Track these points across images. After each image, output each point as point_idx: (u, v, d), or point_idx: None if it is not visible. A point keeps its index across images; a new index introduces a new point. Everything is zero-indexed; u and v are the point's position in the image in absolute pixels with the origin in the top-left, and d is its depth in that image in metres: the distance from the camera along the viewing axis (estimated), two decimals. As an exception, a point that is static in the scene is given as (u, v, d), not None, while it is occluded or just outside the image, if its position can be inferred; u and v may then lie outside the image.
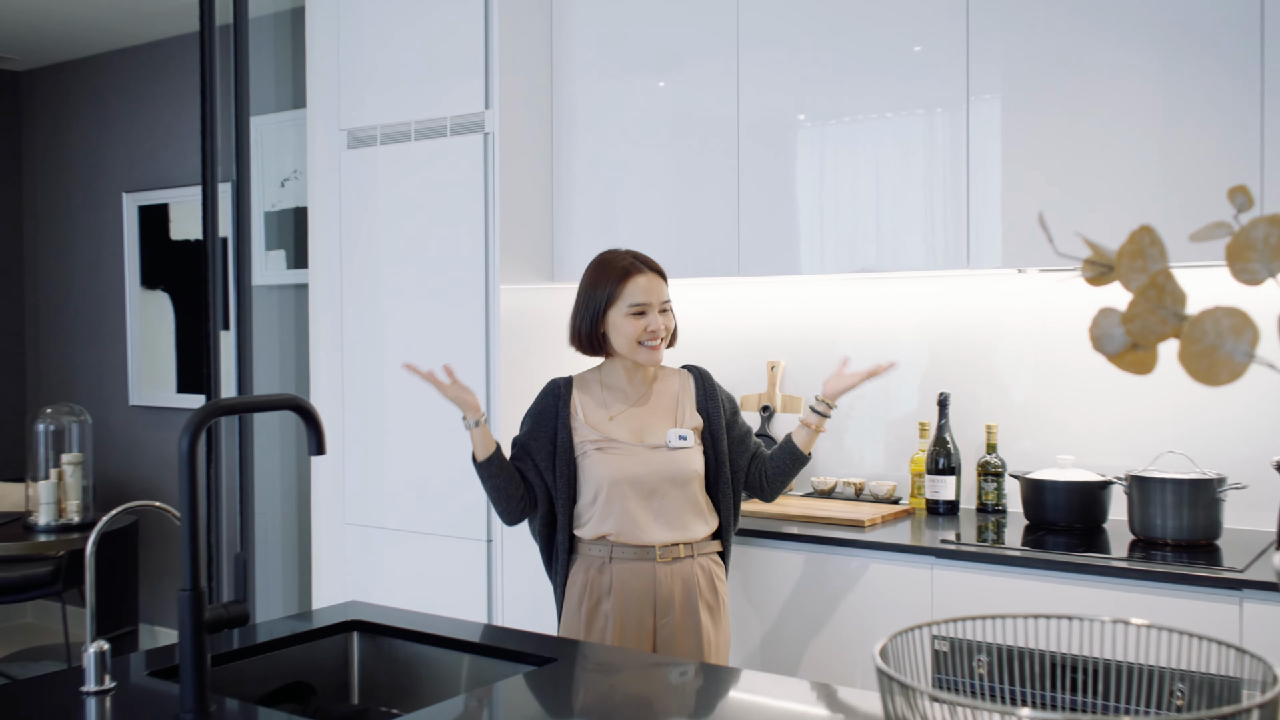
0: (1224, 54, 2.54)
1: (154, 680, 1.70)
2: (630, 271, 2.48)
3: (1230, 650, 1.06)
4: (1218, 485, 2.64)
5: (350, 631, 2.04)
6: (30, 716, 1.58)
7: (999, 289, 3.16)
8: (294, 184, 4.24)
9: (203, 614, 1.52)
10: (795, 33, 3.08)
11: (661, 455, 2.46)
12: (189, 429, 1.52)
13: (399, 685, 1.98)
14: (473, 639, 1.94)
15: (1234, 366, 0.93)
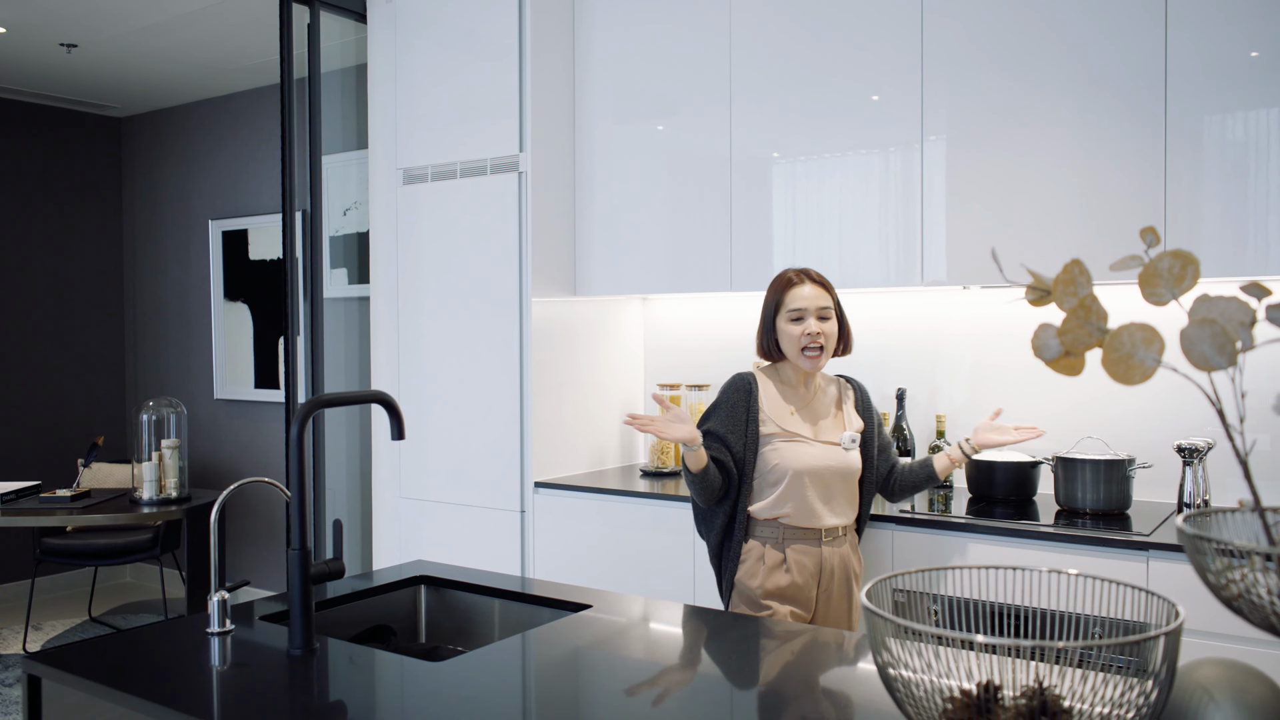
0: (1133, 107, 2.61)
1: (265, 624, 1.77)
2: (792, 282, 2.46)
3: (1141, 594, 1.13)
4: (1128, 464, 2.71)
5: (418, 585, 2.10)
6: (169, 652, 1.65)
7: (947, 302, 3.23)
8: (354, 213, 4.31)
9: (309, 569, 1.59)
10: (773, 84, 3.16)
11: (837, 452, 2.44)
12: (297, 419, 1.59)
13: (459, 628, 2.05)
14: (519, 589, 2.01)
15: (1145, 370, 1.01)
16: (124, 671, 1.52)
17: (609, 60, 3.49)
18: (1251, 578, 0.94)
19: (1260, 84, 2.46)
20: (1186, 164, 2.55)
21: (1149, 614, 1.13)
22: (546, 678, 1.56)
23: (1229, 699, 1.09)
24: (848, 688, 1.53)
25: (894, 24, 2.94)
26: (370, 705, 1.42)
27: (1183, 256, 1.07)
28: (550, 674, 1.57)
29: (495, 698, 1.46)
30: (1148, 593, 1.07)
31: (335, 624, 1.90)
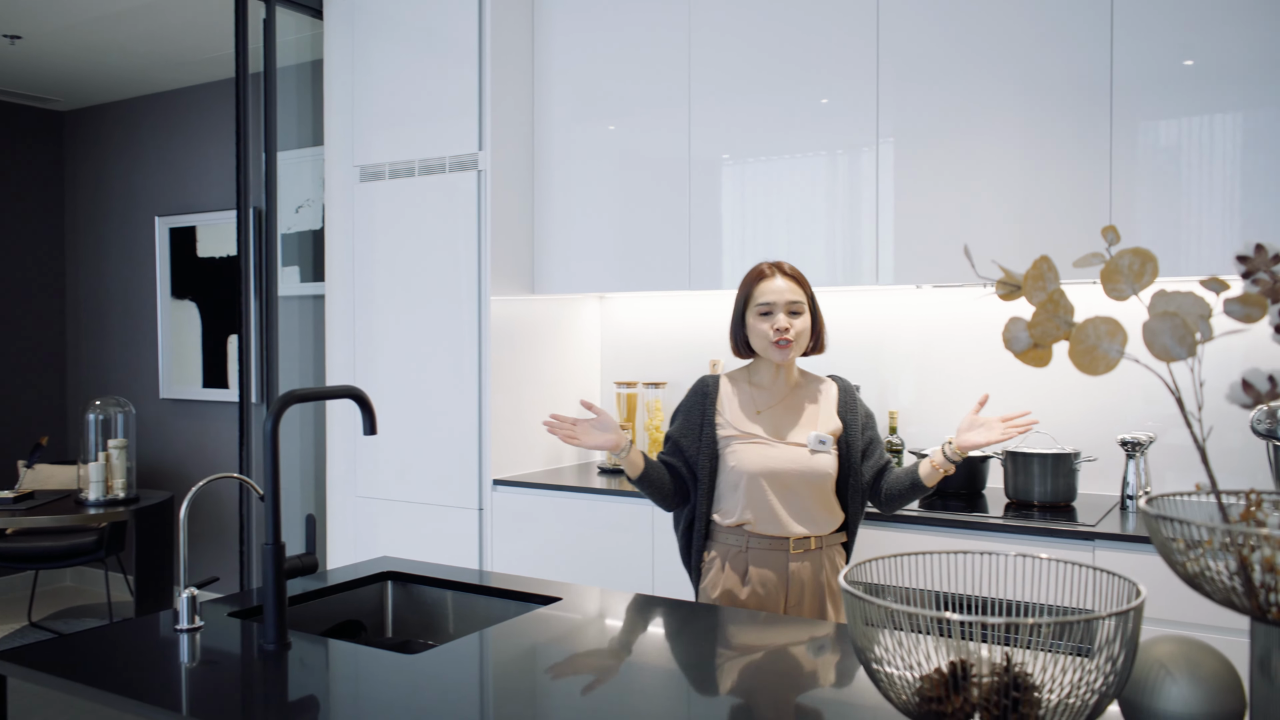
0: (1079, 113, 2.70)
1: (234, 620, 1.77)
2: (763, 275, 2.31)
3: (1104, 575, 1.18)
4: (1074, 458, 2.80)
5: (384, 580, 2.11)
6: (140, 648, 1.64)
7: (900, 302, 3.30)
8: (306, 210, 4.27)
9: (283, 563, 1.59)
10: (731, 86, 3.20)
11: (800, 454, 2.27)
12: (271, 415, 1.59)
13: (427, 623, 2.05)
14: (487, 584, 2.02)
15: (1109, 361, 1.06)
16: (97, 668, 1.51)
17: (568, 61, 3.51)
18: (1204, 562, 0.99)
19: (1195, 92, 2.56)
20: (1130, 168, 2.64)
21: (1111, 595, 1.17)
22: (524, 667, 1.58)
23: (1184, 673, 1.15)
24: (820, 674, 1.57)
25: (848, 31, 3.00)
26: (347, 697, 1.42)
27: (1142, 254, 1.13)
28: (527, 663, 1.59)
29: (474, 688, 1.47)
30: (1109, 574, 1.12)
31: (303, 620, 1.89)
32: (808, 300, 2.33)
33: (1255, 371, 1.04)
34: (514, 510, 3.35)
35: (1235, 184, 2.54)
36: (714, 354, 3.62)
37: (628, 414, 3.70)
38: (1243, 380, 1.04)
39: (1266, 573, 0.93)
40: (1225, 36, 2.52)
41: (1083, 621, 1.01)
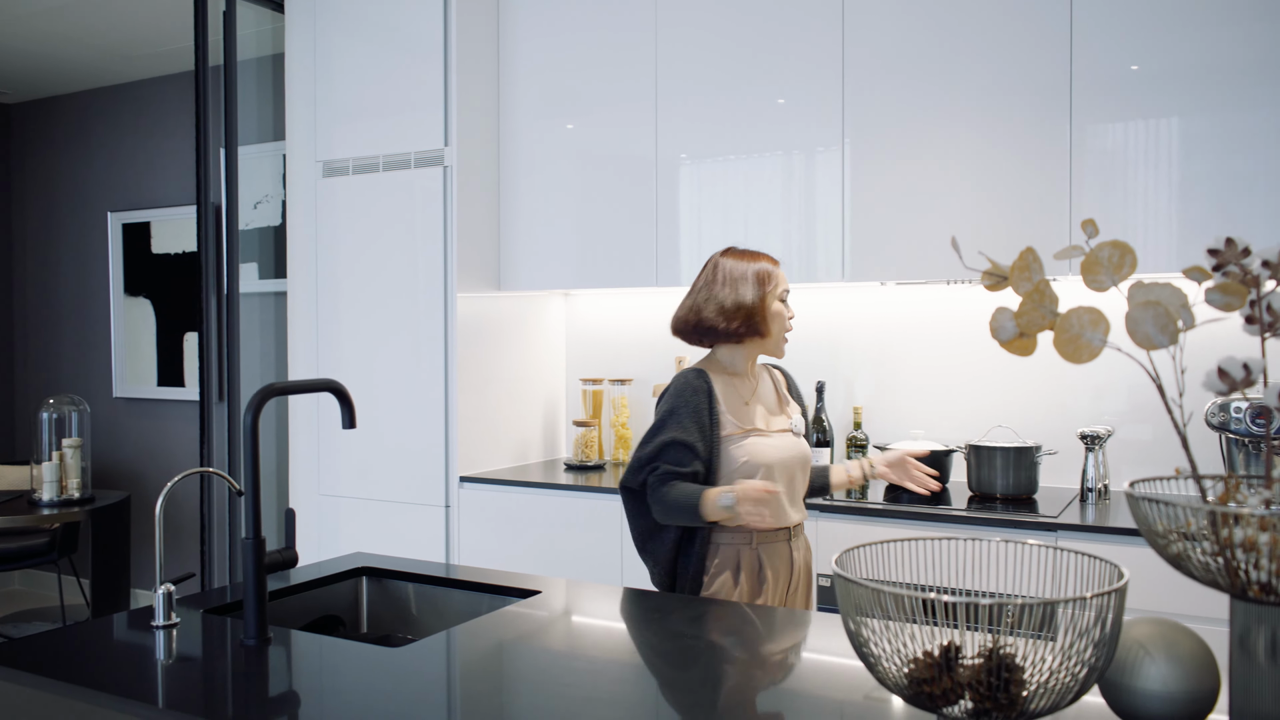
0: (1039, 112, 2.76)
1: (210, 616, 1.74)
2: (775, 263, 2.28)
3: (1085, 559, 1.21)
4: (1035, 452, 2.86)
5: (359, 576, 2.09)
6: (117, 645, 1.61)
7: (862, 299, 3.35)
8: (265, 206, 4.22)
9: (263, 558, 1.58)
10: (692, 86, 3.23)
11: (791, 440, 2.26)
12: (250, 408, 1.58)
13: (404, 618, 2.04)
14: (464, 578, 2.01)
15: (1092, 349, 1.09)
16: (75, 665, 1.48)
17: (533, 59, 3.51)
18: (1185, 545, 1.03)
19: (1141, 96, 2.63)
20: (1083, 169, 2.71)
21: (1095, 578, 1.19)
22: (509, 659, 1.58)
23: (1162, 652, 1.19)
24: (813, 660, 1.59)
25: (811, 32, 3.03)
26: (332, 691, 1.41)
27: (1121, 246, 1.16)
28: (512, 656, 1.59)
29: (460, 681, 1.47)
30: (1092, 558, 1.15)
31: (279, 616, 1.87)
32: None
33: (1230, 359, 1.07)
34: (481, 507, 3.34)
35: (1174, 186, 2.62)
36: (679, 350, 3.64)
37: (594, 411, 3.70)
38: (1218, 368, 1.08)
39: (1246, 552, 0.96)
40: (1168, 43, 2.59)
41: (1071, 601, 1.04)
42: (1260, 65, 2.51)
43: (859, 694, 1.41)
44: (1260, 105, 2.52)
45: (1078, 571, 1.22)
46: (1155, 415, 2.94)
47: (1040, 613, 1.06)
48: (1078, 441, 2.96)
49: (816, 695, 1.43)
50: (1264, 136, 2.52)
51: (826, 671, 1.53)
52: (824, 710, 1.37)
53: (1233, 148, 2.55)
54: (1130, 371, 2.96)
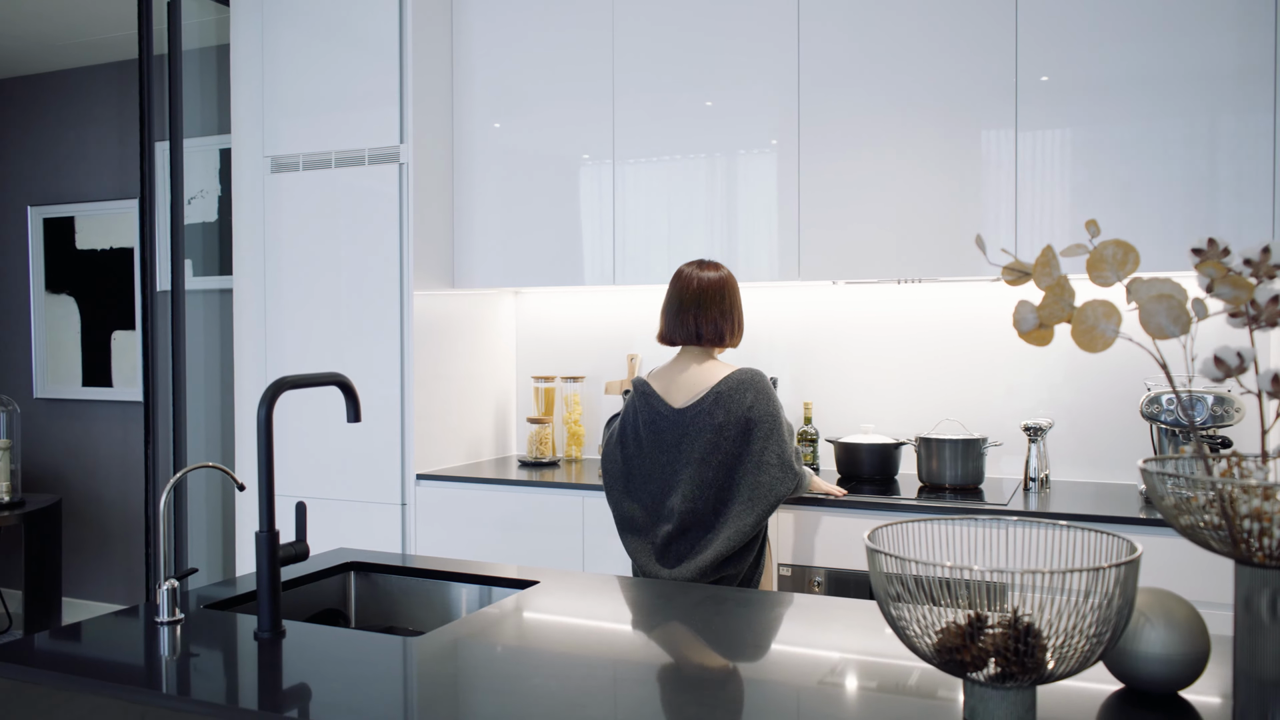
0: (980, 119, 2.91)
1: (212, 612, 1.73)
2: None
3: (1094, 534, 1.31)
4: (982, 443, 3.00)
5: (347, 571, 2.09)
6: (123, 642, 1.59)
7: (818, 298, 3.45)
8: (199, 202, 4.13)
9: (277, 550, 1.58)
10: (646, 87, 3.29)
11: None
12: (265, 401, 1.58)
13: (398, 612, 2.05)
14: (456, 571, 2.03)
15: (1106, 339, 1.19)
16: (87, 664, 1.47)
17: (487, 56, 3.52)
18: (1193, 518, 1.13)
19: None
20: (1026, 170, 2.86)
21: (1107, 552, 1.27)
22: (534, 645, 1.60)
23: (1160, 619, 1.30)
24: (857, 640, 1.66)
25: (765, 33, 3.12)
26: (364, 680, 1.43)
27: (1123, 245, 1.26)
28: (535, 641, 1.62)
29: (489, 664, 1.50)
30: (1106, 534, 1.25)
31: (276, 611, 1.87)
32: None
33: (1226, 349, 1.18)
34: (439, 505, 3.34)
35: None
36: (630, 348, 3.70)
37: (546, 408, 3.73)
38: (1214, 356, 1.19)
39: (1254, 521, 1.07)
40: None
41: (1091, 571, 1.13)
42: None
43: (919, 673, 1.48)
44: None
45: (1084, 547, 1.31)
46: (1091, 409, 3.11)
47: (1063, 581, 1.15)
48: (1021, 433, 3.12)
49: (882, 689, 1.49)
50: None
51: (889, 657, 1.60)
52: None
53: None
54: (1072, 366, 3.12)
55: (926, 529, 1.37)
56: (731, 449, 2.32)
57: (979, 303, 3.24)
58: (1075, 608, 1.12)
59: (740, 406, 2.32)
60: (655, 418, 2.40)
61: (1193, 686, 1.32)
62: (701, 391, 2.38)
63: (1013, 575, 1.15)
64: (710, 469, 2.32)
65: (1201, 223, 2.69)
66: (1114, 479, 3.09)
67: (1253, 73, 2.63)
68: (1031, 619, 1.19)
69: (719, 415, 2.32)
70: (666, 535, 2.34)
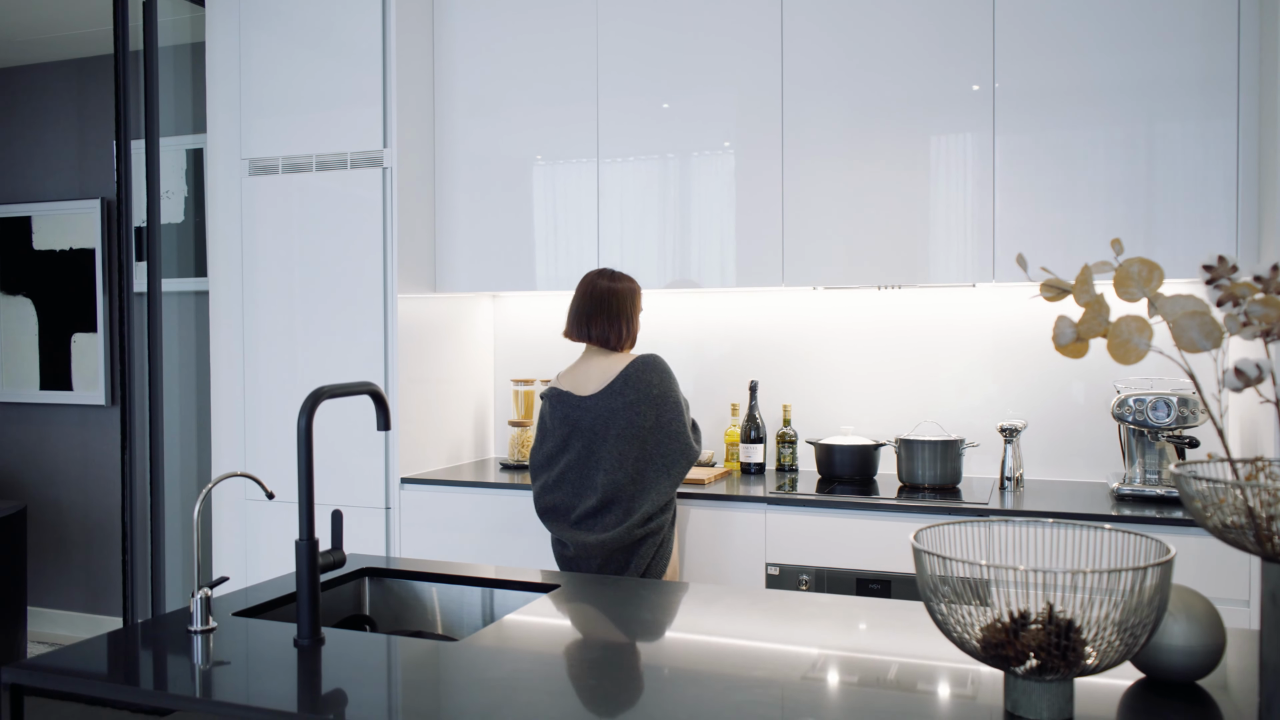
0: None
1: (245, 620, 1.74)
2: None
3: (1127, 536, 1.39)
4: (960, 444, 3.10)
5: (362, 577, 2.11)
6: (159, 651, 1.59)
7: (799, 303, 3.52)
8: (167, 203, 4.07)
9: (316, 558, 1.60)
10: (628, 88, 3.34)
11: None
12: (304, 411, 1.59)
13: (419, 617, 2.07)
14: (473, 575, 2.05)
15: (1139, 352, 1.27)
16: (129, 675, 1.47)
17: (469, 60, 3.53)
18: (1225, 515, 1.22)
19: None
20: (1001, 176, 2.97)
21: (1139, 553, 1.34)
22: (582, 643, 1.63)
23: (1182, 612, 1.38)
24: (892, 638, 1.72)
25: (750, 35, 3.19)
26: (417, 685, 1.45)
27: (1148, 263, 1.34)
28: (582, 639, 1.65)
29: (538, 665, 1.53)
30: (1139, 535, 1.33)
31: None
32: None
33: (1245, 360, 1.27)
34: (423, 508, 3.35)
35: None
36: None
37: (526, 411, 3.76)
38: (1235, 368, 1.27)
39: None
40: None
41: (1133, 570, 1.21)
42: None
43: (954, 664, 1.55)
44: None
45: (1111, 547, 1.39)
46: (1063, 411, 3.24)
47: (1105, 581, 1.22)
48: (996, 434, 3.23)
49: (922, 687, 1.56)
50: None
51: (930, 659, 1.67)
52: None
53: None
54: (1044, 370, 3.24)
55: (960, 531, 1.44)
56: (644, 423, 2.64)
57: (957, 308, 3.35)
58: (1123, 603, 1.20)
59: (648, 386, 2.66)
60: (570, 410, 2.69)
61: (1209, 677, 1.41)
62: (610, 378, 2.68)
63: (1057, 575, 1.23)
64: (628, 442, 2.62)
65: (1169, 225, 2.81)
66: (1084, 478, 3.21)
67: (1215, 82, 2.76)
68: (1072, 616, 1.27)
69: (630, 394, 2.64)
70: (589, 509, 2.63)
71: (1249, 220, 2.76)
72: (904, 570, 2.82)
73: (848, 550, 2.90)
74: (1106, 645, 1.24)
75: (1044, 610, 1.28)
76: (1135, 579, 1.20)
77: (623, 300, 2.79)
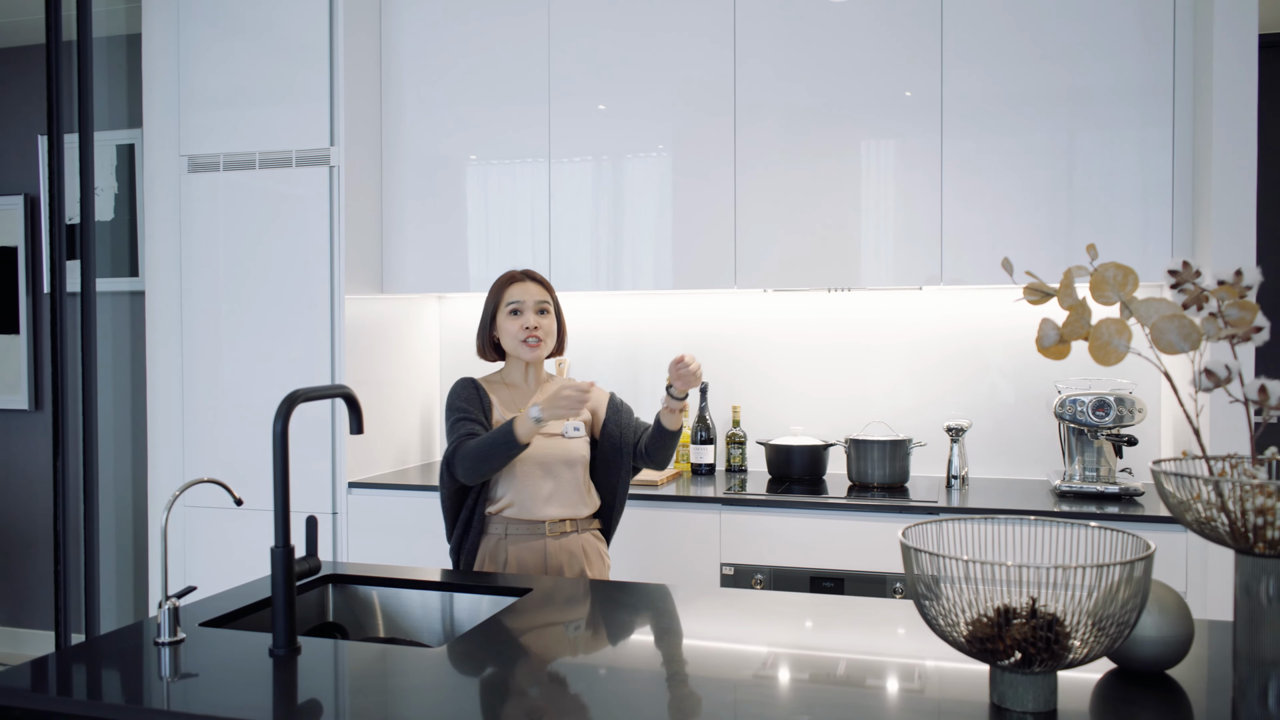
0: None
1: (210, 630, 1.69)
2: (511, 279, 2.49)
3: (1110, 533, 1.43)
4: (908, 444, 3.17)
5: (325, 585, 2.06)
6: (125, 664, 1.54)
7: (750, 305, 3.55)
8: (96, 199, 3.93)
9: (293, 566, 1.56)
10: (579, 88, 3.33)
11: (558, 441, 2.42)
12: (280, 415, 1.56)
13: (385, 624, 2.04)
14: (442, 580, 2.03)
15: (1119, 354, 1.31)
16: (101, 689, 1.42)
17: (417, 59, 3.49)
18: (1203, 510, 1.26)
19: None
20: (951, 180, 3.04)
21: (1114, 549, 1.38)
22: (560, 645, 1.63)
23: (1154, 604, 1.43)
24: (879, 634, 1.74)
25: (701, 36, 3.22)
26: (400, 691, 1.43)
27: (1123, 268, 1.39)
28: (557, 646, 1.64)
29: (523, 669, 1.52)
30: (1125, 533, 1.37)
31: (266, 628, 1.83)
32: (553, 303, 2.51)
33: (1216, 362, 1.32)
34: (371, 513, 3.29)
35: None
36: (559, 353, 3.72)
37: (473, 413, 3.72)
38: (1205, 369, 1.32)
39: (1259, 515, 1.20)
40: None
41: (1120, 564, 1.25)
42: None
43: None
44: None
45: (1087, 543, 1.43)
46: (1005, 411, 3.32)
47: (1092, 575, 1.26)
48: (943, 434, 3.30)
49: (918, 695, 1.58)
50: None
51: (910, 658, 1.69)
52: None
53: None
54: (988, 370, 3.32)
55: (949, 529, 1.47)
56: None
57: (905, 311, 3.41)
58: (1108, 597, 1.24)
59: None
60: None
61: (1177, 666, 1.46)
62: None
63: (1044, 571, 1.26)
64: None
65: (1110, 229, 2.91)
66: (1026, 475, 3.31)
67: (1152, 91, 2.87)
68: (1055, 612, 1.30)
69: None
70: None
71: (1183, 224, 2.87)
72: (857, 568, 2.87)
73: (801, 549, 2.93)
74: (1092, 638, 1.28)
75: (1027, 605, 1.32)
76: (1122, 573, 1.24)
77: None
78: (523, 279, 2.50)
